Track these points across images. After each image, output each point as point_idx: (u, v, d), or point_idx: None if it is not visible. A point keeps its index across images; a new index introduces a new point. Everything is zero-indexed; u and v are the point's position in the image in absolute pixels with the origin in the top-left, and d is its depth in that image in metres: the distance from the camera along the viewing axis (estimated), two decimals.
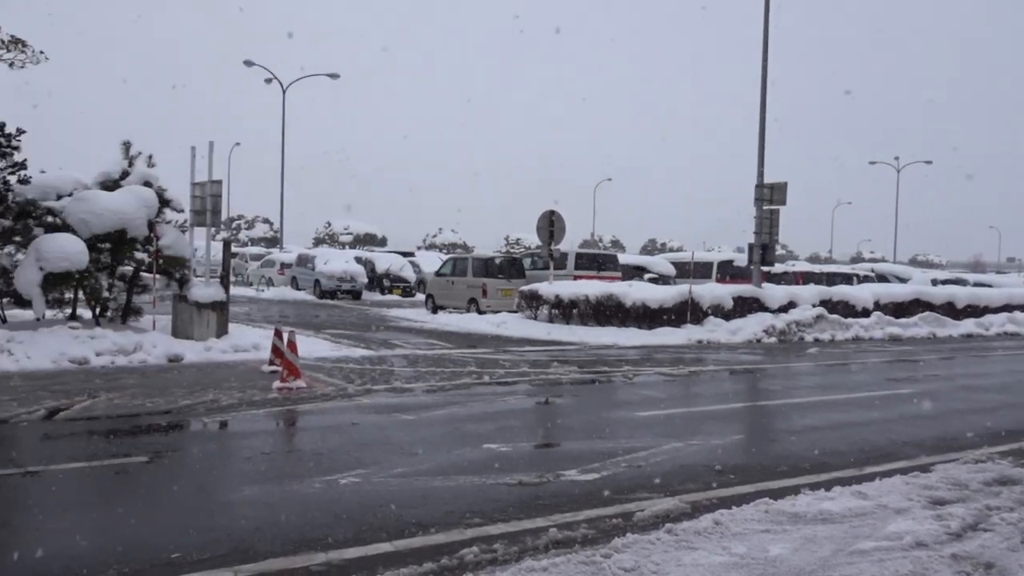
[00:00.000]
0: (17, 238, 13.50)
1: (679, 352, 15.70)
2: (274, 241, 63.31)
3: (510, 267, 23.12)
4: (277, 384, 9.91)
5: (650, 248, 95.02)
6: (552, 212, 20.51)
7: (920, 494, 5.64)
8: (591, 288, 19.19)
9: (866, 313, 21.40)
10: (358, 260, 31.91)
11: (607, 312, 18.76)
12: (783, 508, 5.26)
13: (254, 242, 67.47)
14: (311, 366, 11.66)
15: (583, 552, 4.45)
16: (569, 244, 22.94)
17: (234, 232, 71.95)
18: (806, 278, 26.70)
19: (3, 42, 12.87)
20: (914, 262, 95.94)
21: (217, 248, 18.08)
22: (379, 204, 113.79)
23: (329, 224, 73.24)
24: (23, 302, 13.54)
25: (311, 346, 13.79)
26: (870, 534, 4.77)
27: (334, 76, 41.61)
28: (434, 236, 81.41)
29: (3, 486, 5.83)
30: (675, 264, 27.90)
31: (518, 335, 17.80)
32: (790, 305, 19.96)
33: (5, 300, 14.18)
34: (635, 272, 26.15)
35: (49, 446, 7.08)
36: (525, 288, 20.58)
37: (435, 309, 23.60)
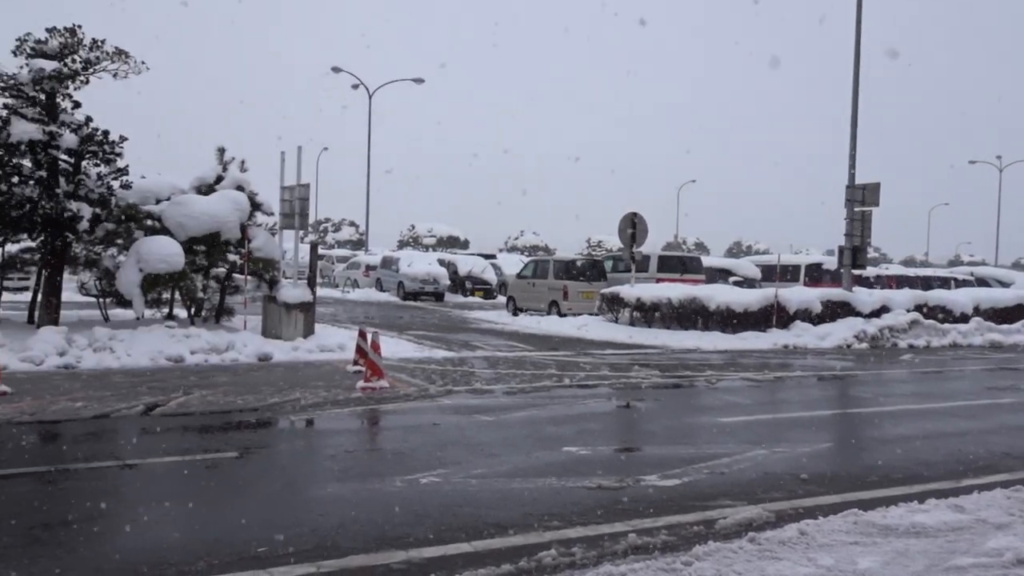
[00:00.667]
0: (119, 240, 14.18)
1: (764, 357, 15.35)
2: (359, 243, 64.66)
3: (591, 269, 23.03)
4: (361, 384, 10.10)
5: (735, 251, 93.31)
6: (634, 214, 20.34)
7: (1023, 509, 5.37)
8: (674, 291, 18.95)
9: (964, 319, 20.48)
10: (441, 262, 32.30)
11: (690, 315, 18.49)
12: (873, 520, 5.09)
13: (340, 244, 69.03)
14: (394, 367, 11.85)
15: (663, 559, 4.39)
16: (651, 246, 22.74)
17: (321, 235, 73.81)
18: (899, 282, 25.76)
19: (108, 54, 13.48)
20: (1017, 266, 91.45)
21: (305, 250, 18.52)
22: (462, 207, 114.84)
23: (413, 227, 74.41)
24: (124, 302, 14.20)
25: (394, 347, 14.01)
26: (967, 550, 4.56)
27: (419, 81, 42.24)
28: (515, 238, 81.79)
29: (104, 477, 6.11)
30: (761, 267, 27.29)
31: (599, 338, 17.72)
32: (882, 310, 19.28)
33: (108, 300, 14.89)
34: (719, 275, 25.71)
35: (146, 440, 7.39)
36: (606, 291, 20.45)
37: (516, 311, 23.68)
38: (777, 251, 29.75)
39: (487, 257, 37.28)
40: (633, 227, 20.18)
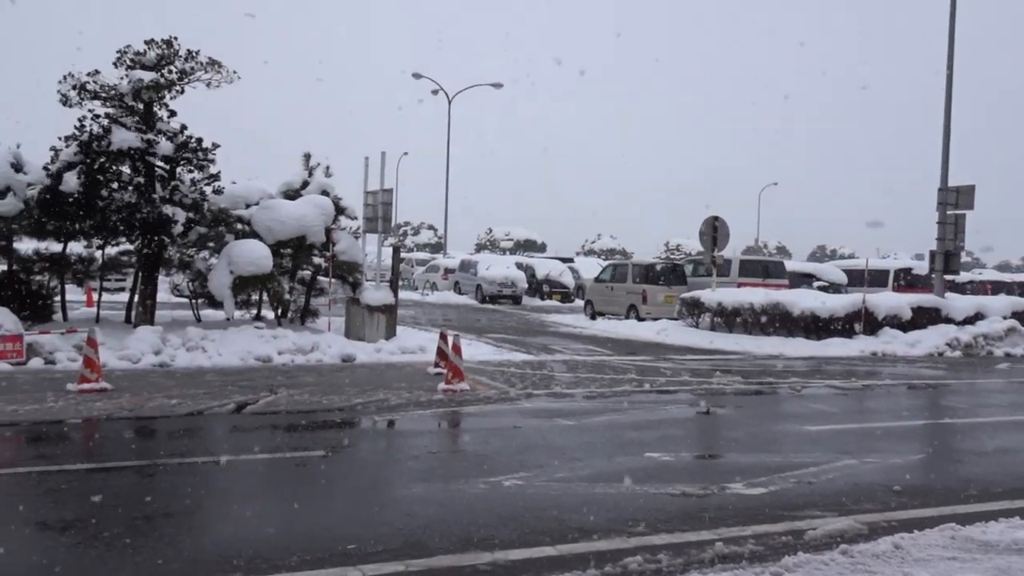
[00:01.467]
0: (211, 244, 14.69)
1: (851, 364, 14.92)
2: (438, 247, 65.39)
3: (671, 273, 22.79)
4: (442, 386, 10.22)
5: (818, 255, 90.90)
6: (716, 218, 20.04)
7: None
8: (756, 296, 18.59)
9: None
10: (519, 266, 32.44)
11: (773, 321, 18.10)
12: (972, 535, 4.90)
13: (419, 248, 69.89)
14: (474, 369, 11.94)
15: (751, 568, 4.32)
16: (731, 250, 22.33)
17: (400, 238, 74.96)
18: (995, 287, 24.70)
19: (202, 64, 13.99)
20: None
21: (387, 253, 18.86)
22: (539, 210, 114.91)
23: (490, 230, 74.89)
24: (215, 303, 14.69)
25: (474, 350, 14.13)
26: None
27: (497, 86, 42.55)
28: (592, 242, 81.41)
29: (199, 473, 6.35)
30: (847, 271, 26.55)
31: (679, 343, 17.52)
32: (977, 316, 18.51)
33: (199, 301, 15.44)
34: (803, 280, 25.09)
35: (237, 438, 7.64)
36: (686, 295, 20.20)
37: (594, 315, 23.60)
38: (863, 255, 28.86)
39: (565, 261, 37.25)
40: (714, 231, 19.89)
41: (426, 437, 8.05)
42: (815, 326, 17.68)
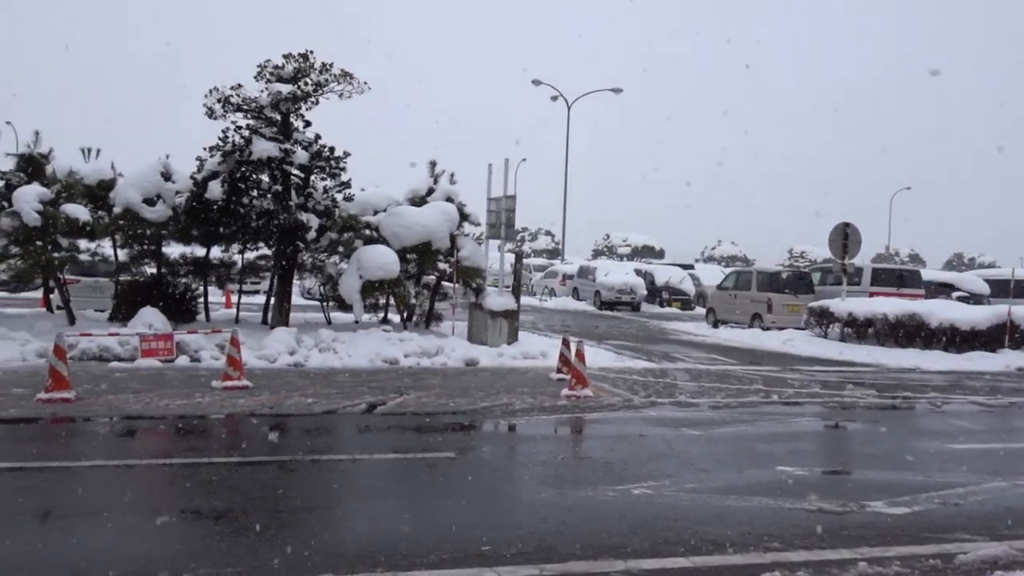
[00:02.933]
0: (341, 249, 15.24)
1: (995, 380, 14.05)
2: (555, 253, 65.58)
3: (798, 282, 22.08)
4: (565, 392, 10.25)
5: (955, 263, 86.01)
6: (847, 224, 19.29)
7: None
8: (889, 306, 17.77)
9: None
10: (637, 272, 32.14)
11: (908, 333, 17.25)
12: None
13: (536, 253, 70.34)
14: (595, 376, 11.92)
15: None
16: (859, 259, 21.45)
17: (518, 244, 75.63)
18: None
19: (335, 76, 14.57)
20: None
21: (508, 259, 19.09)
22: (657, 216, 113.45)
23: (608, 236, 74.57)
24: (344, 306, 15.24)
25: (594, 356, 14.09)
26: None
27: (617, 91, 42.33)
28: (713, 248, 79.87)
29: (336, 469, 6.60)
30: (989, 281, 24.99)
31: (806, 353, 16.95)
32: None
33: (330, 304, 16.05)
34: (940, 289, 23.79)
35: (370, 437, 7.91)
36: (814, 304, 19.51)
37: (716, 323, 23.13)
38: (1007, 264, 27.14)
39: (684, 267, 36.68)
40: (845, 238, 19.15)
41: (551, 442, 8.09)
42: (955, 339, 16.75)
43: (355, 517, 5.34)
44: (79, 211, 13.05)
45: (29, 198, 12.56)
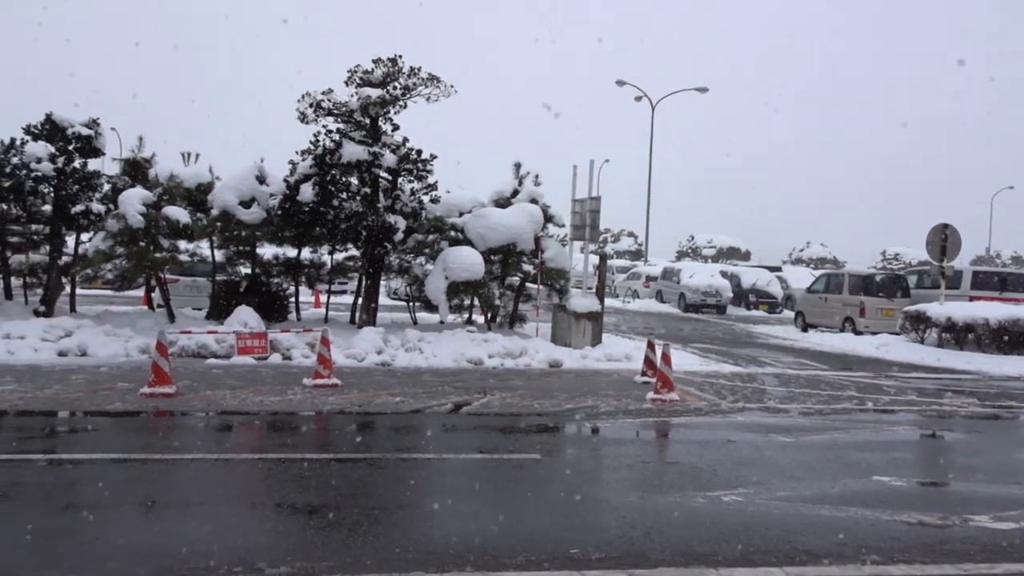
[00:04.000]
0: (427, 250, 15.46)
1: None
2: (638, 254, 65.02)
3: (892, 285, 21.32)
4: (651, 395, 10.15)
5: None
6: (945, 225, 18.53)
7: None
8: (992, 311, 16.98)
9: None
10: (723, 274, 31.58)
11: (1012, 339, 16.45)
12: None
13: (618, 255, 69.85)
14: (681, 379, 11.76)
15: None
16: (958, 261, 20.54)
17: (600, 245, 75.23)
18: None
19: (423, 80, 14.79)
20: None
21: (591, 261, 19.02)
22: (743, 217, 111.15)
23: (692, 237, 73.47)
24: (430, 306, 15.45)
25: (679, 359, 13.88)
26: None
27: (702, 90, 41.70)
28: (801, 250, 77.75)
29: (425, 468, 6.68)
30: None
31: (901, 359, 16.34)
32: None
33: (416, 304, 16.28)
34: None
35: (457, 436, 7.98)
36: (910, 308, 18.79)
37: (805, 327, 22.54)
38: None
39: (772, 269, 35.87)
40: (944, 239, 18.39)
41: (637, 446, 8.02)
42: None
43: (443, 515, 5.39)
44: (179, 213, 13.59)
45: (133, 201, 13.15)
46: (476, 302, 15.82)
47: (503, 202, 16.15)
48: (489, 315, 15.77)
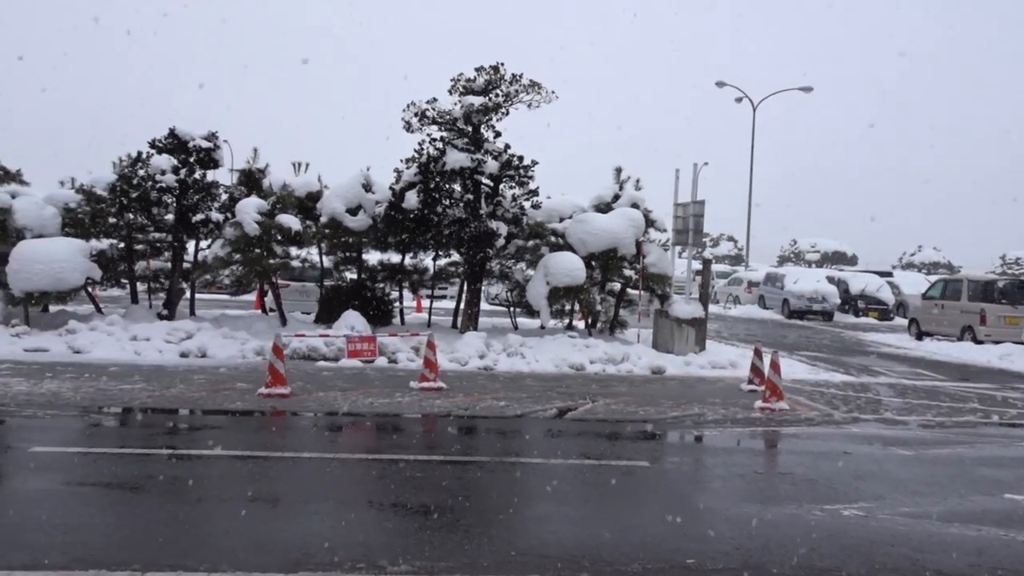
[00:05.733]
0: (527, 256, 15.54)
1: None
2: (738, 259, 63.69)
3: (1016, 291, 20.18)
4: (759, 404, 9.92)
5: None
6: None
7: None
8: None
9: None
10: (830, 280, 30.58)
11: None
12: None
13: (718, 260, 68.57)
14: (789, 388, 11.45)
15: None
16: None
17: (699, 250, 73.97)
18: None
19: (524, 86, 14.92)
20: None
21: (694, 266, 18.74)
22: (848, 220, 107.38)
23: (795, 241, 71.48)
24: (530, 311, 15.52)
25: (785, 368, 13.43)
26: None
27: (806, 89, 40.53)
28: (912, 254, 74.58)
29: (532, 472, 6.72)
30: None
31: None
32: None
33: (516, 309, 16.39)
34: None
35: (563, 442, 7.99)
36: None
37: (920, 335, 21.60)
38: None
39: (882, 274, 34.50)
40: None
41: (748, 455, 7.85)
42: None
43: (556, 520, 5.41)
44: (291, 221, 14.08)
45: (250, 209, 13.70)
46: (577, 307, 15.81)
47: (603, 207, 16.09)
48: (590, 320, 15.73)
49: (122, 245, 15.20)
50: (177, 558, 4.40)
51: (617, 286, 16.04)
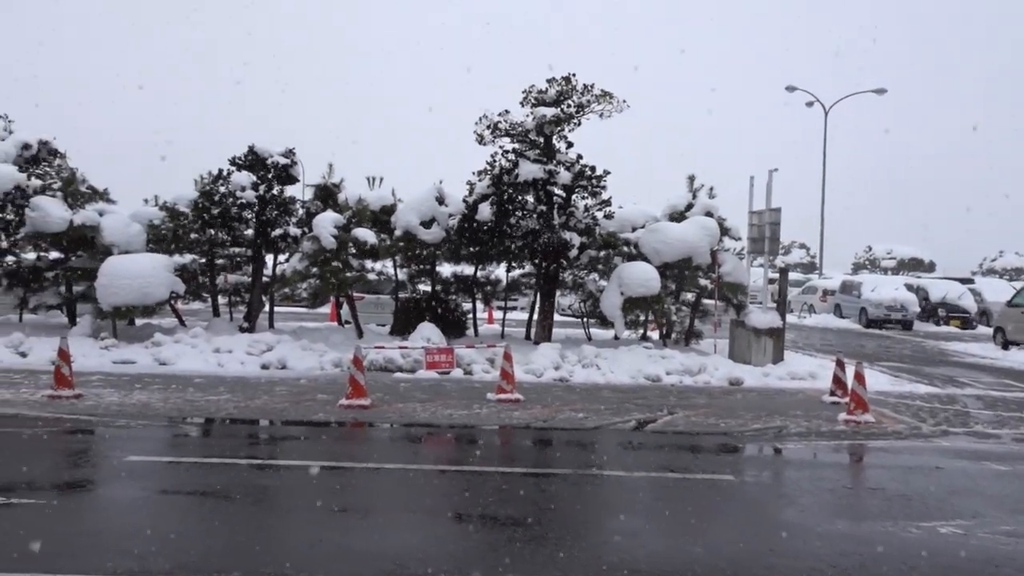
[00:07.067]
0: (600, 266, 15.50)
1: None
2: (811, 267, 62.35)
3: None
4: (843, 416, 9.69)
5: None
6: None
7: None
8: None
9: None
10: (909, 287, 29.67)
11: None
12: None
13: (790, 268, 67.22)
14: (872, 400, 11.10)
15: None
16: None
17: (771, 258, 72.57)
18: None
19: (596, 96, 14.91)
20: None
21: (770, 275, 18.43)
22: (925, 225, 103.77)
23: (870, 248, 69.58)
24: (604, 322, 15.47)
25: (868, 379, 13.16)
26: None
27: (880, 91, 39.52)
28: (993, 260, 71.91)
29: (617, 486, 6.69)
30: None
31: None
32: None
33: (590, 320, 16.35)
34: None
35: (644, 454, 7.93)
36: None
37: (1006, 344, 20.78)
38: None
39: (963, 281, 33.34)
40: None
41: (835, 470, 7.68)
42: None
43: (644, 534, 5.37)
44: (367, 234, 14.33)
45: (326, 224, 13.99)
46: (650, 318, 15.69)
47: (677, 216, 15.95)
48: (664, 331, 15.59)
49: (204, 260, 15.67)
50: (274, 567, 4.51)
51: (691, 296, 15.87)
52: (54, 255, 15.82)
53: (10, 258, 15.90)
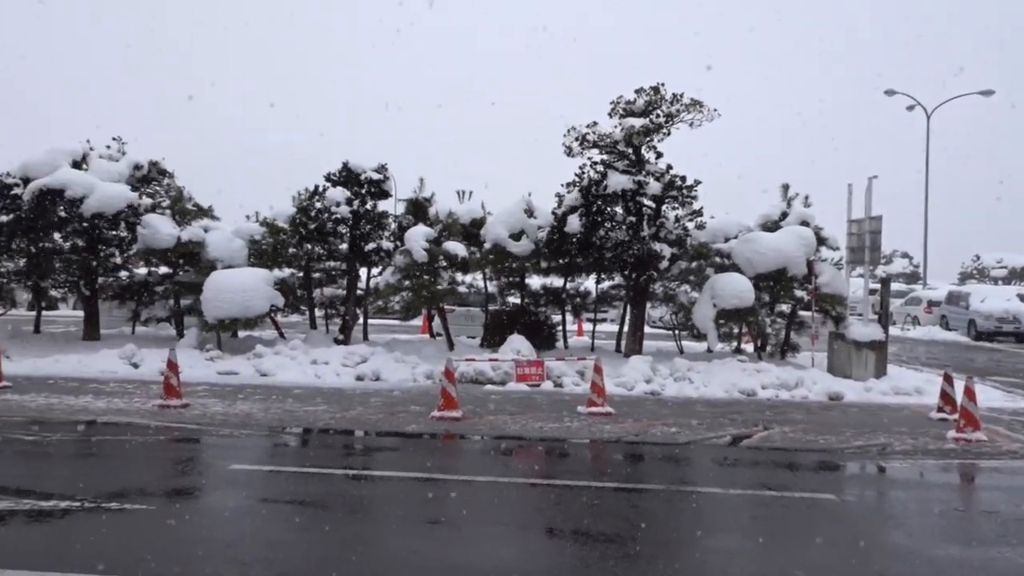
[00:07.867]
0: (692, 277, 15.26)
1: None
2: (914, 277, 59.89)
3: None
4: (952, 434, 9.23)
5: None
6: None
7: None
8: None
9: None
10: (1021, 298, 28.14)
11: None
12: None
13: (892, 278, 64.69)
14: (984, 417, 10.53)
15: None
16: None
17: (871, 268, 70.00)
18: None
19: (685, 105, 14.72)
20: None
21: (871, 286, 17.78)
22: None
23: (978, 257, 66.35)
24: (695, 335, 15.20)
25: (979, 394, 12.52)
26: None
27: (987, 93, 37.75)
28: None
29: (712, 503, 6.53)
30: None
31: None
32: None
33: (681, 332, 16.10)
34: None
35: (740, 471, 7.73)
36: None
37: None
38: None
39: None
40: None
41: (945, 490, 7.32)
42: None
43: (741, 554, 5.23)
44: (457, 247, 14.50)
45: (418, 237, 14.23)
46: (744, 330, 15.35)
47: (771, 226, 15.58)
48: (759, 344, 15.22)
49: (301, 274, 16.15)
50: None
51: (787, 308, 15.44)
52: (163, 270, 16.59)
53: (123, 273, 16.73)
